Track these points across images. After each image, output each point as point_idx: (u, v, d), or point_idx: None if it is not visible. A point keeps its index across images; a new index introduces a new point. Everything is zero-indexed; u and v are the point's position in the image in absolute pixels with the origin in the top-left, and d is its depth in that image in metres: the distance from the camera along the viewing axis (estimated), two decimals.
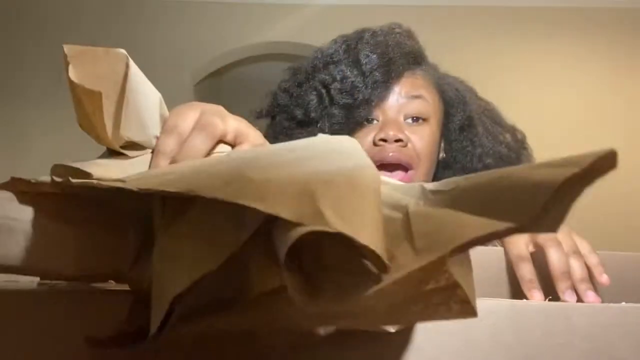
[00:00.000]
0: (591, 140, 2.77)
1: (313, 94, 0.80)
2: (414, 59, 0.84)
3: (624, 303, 0.44)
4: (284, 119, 0.83)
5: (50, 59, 3.01)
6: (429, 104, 0.81)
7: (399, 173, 0.77)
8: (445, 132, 0.85)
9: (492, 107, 0.92)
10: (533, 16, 2.93)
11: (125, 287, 0.31)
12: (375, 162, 0.77)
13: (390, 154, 0.76)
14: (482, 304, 0.32)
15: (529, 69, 2.87)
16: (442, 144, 0.85)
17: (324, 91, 0.80)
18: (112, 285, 0.34)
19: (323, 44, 0.87)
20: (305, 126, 0.80)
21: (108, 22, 3.10)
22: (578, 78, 2.87)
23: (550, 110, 2.81)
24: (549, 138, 2.70)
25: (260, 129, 0.94)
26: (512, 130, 0.91)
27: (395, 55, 0.80)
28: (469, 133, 0.85)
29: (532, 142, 0.93)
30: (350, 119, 0.79)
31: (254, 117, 0.88)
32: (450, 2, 3.00)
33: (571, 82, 2.87)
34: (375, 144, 0.78)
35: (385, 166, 0.77)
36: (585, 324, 0.32)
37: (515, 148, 0.89)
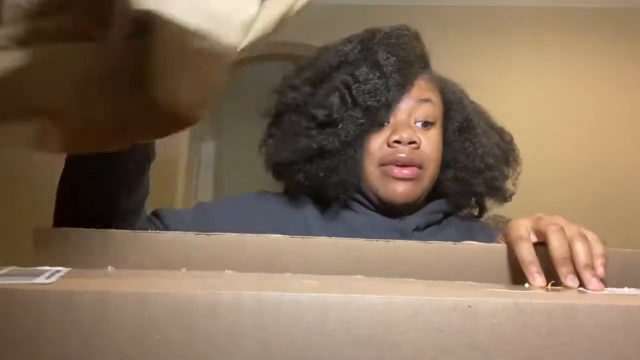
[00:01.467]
0: (591, 140, 2.77)
1: (335, 94, 0.79)
2: (424, 62, 0.86)
3: (626, 288, 0.43)
4: (303, 119, 0.81)
5: None
6: (435, 108, 0.83)
7: (410, 168, 0.79)
8: (444, 133, 0.85)
9: (483, 109, 0.94)
10: (532, 16, 2.93)
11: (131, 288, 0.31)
12: (388, 162, 0.78)
13: (404, 155, 0.78)
14: (485, 302, 0.32)
15: (527, 69, 2.87)
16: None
17: (346, 92, 0.79)
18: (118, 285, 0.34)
19: (329, 42, 0.86)
20: (327, 127, 0.79)
21: None
22: (578, 78, 2.87)
23: (549, 109, 2.80)
24: (549, 137, 2.70)
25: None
26: (501, 131, 0.93)
27: (411, 58, 0.82)
28: (468, 134, 0.86)
29: (532, 142, 0.93)
30: (370, 121, 0.79)
31: (261, 116, 0.87)
32: (450, 2, 3.00)
33: (571, 82, 2.87)
34: (389, 145, 0.79)
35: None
36: (590, 323, 0.31)
37: (505, 148, 0.90)
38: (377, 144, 0.80)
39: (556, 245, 0.48)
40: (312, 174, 0.80)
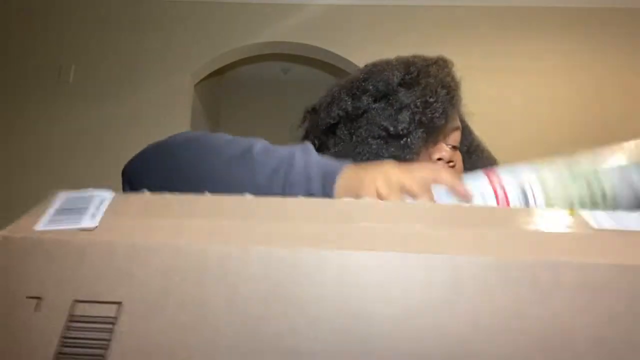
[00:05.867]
0: (584, 139, 2.78)
1: (406, 112, 0.81)
2: None
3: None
4: (370, 130, 0.82)
5: (50, 57, 3.02)
6: (460, 134, 0.86)
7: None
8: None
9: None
10: (530, 16, 2.95)
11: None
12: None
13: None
14: (469, 262, 0.32)
15: (524, 69, 2.88)
16: None
17: (417, 110, 0.81)
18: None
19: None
20: (395, 139, 0.81)
21: (108, 22, 3.10)
22: (574, 78, 2.88)
23: (545, 109, 2.82)
24: (544, 137, 2.71)
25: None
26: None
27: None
28: (477, 155, 0.90)
29: (527, 140, 0.94)
30: (429, 138, 0.82)
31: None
32: (449, 2, 3.01)
33: (567, 82, 2.88)
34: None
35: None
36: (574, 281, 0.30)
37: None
38: (425, 159, 0.81)
39: None
40: None
